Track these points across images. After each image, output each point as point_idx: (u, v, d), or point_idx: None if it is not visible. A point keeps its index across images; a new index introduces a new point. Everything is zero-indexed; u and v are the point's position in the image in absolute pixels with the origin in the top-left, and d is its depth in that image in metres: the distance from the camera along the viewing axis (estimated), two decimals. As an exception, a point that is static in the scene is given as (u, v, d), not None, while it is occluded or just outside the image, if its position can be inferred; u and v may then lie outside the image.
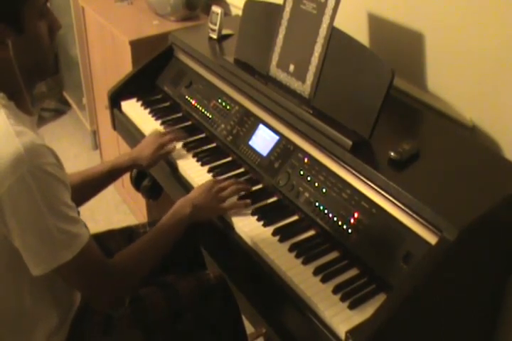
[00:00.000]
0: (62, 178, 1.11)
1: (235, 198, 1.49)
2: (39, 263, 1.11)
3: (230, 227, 1.44)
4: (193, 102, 1.88)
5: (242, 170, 1.63)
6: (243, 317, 1.57)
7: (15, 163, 1.04)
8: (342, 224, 1.33)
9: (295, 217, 1.44)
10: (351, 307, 1.18)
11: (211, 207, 1.44)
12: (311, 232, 1.39)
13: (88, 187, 1.59)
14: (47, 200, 1.07)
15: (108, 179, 1.64)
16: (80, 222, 1.15)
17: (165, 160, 1.72)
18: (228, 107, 1.75)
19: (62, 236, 1.10)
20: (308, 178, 1.44)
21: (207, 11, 2.18)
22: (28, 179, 1.04)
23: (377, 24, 1.69)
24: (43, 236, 1.09)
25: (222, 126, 1.73)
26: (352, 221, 1.31)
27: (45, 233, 1.09)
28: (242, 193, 1.51)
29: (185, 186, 1.63)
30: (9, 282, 1.20)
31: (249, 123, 1.66)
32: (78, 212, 1.64)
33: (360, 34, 1.68)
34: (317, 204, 1.39)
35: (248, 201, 1.47)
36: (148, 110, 1.95)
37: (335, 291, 1.22)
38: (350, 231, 1.31)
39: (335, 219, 1.34)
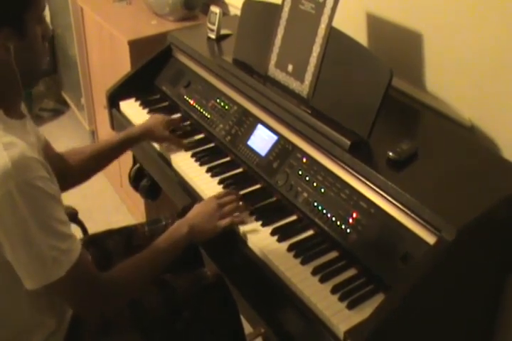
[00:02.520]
0: (53, 192, 1.09)
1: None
2: (31, 278, 1.10)
3: (229, 227, 1.44)
4: (192, 102, 1.88)
5: (240, 170, 1.63)
6: (242, 317, 1.57)
7: (1, 177, 1.01)
8: (340, 224, 1.33)
9: (293, 217, 1.44)
10: (350, 307, 1.18)
11: (209, 226, 1.41)
12: (310, 232, 1.39)
13: (103, 156, 1.61)
14: (35, 216, 1.05)
15: (119, 150, 1.67)
16: (71, 237, 1.12)
17: (163, 159, 1.72)
18: (227, 107, 1.75)
19: (52, 252, 1.08)
20: (307, 178, 1.43)
21: (205, 11, 2.18)
22: (15, 195, 1.02)
23: (375, 24, 1.69)
24: (33, 253, 1.07)
25: (221, 126, 1.73)
26: (350, 221, 1.31)
27: (35, 249, 1.07)
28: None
29: (184, 186, 1.63)
30: (7, 292, 1.19)
31: (247, 123, 1.66)
32: (77, 212, 1.65)
33: (359, 34, 1.68)
34: (316, 204, 1.39)
35: (245, 218, 1.44)
36: (146, 110, 1.95)
37: (333, 291, 1.22)
38: (348, 231, 1.31)
39: (333, 219, 1.34)
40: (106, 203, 2.94)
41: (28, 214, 1.04)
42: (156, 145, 1.77)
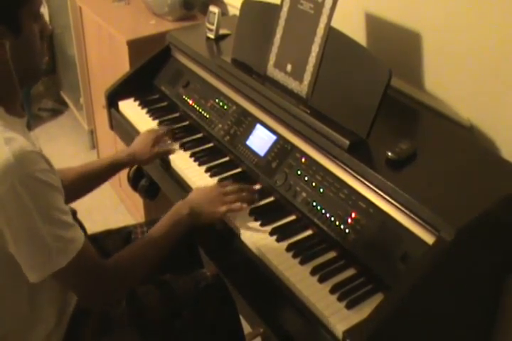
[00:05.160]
0: (55, 183, 1.10)
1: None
2: (35, 270, 1.11)
3: (228, 227, 1.44)
4: (191, 102, 1.88)
5: (239, 170, 1.63)
6: (241, 317, 1.57)
7: (4, 171, 1.02)
8: (339, 224, 1.32)
9: (292, 217, 1.44)
10: (348, 307, 1.18)
11: (210, 210, 1.40)
12: (309, 232, 1.39)
13: (88, 181, 1.60)
14: (39, 208, 1.06)
15: (107, 175, 1.66)
16: (74, 226, 1.14)
17: (162, 159, 1.72)
18: (225, 107, 1.75)
19: (57, 242, 1.09)
20: (306, 178, 1.43)
21: (204, 10, 2.18)
22: (19, 188, 1.03)
23: (374, 24, 1.69)
24: (37, 244, 1.08)
25: (220, 125, 1.73)
26: (349, 221, 1.31)
27: (39, 240, 1.08)
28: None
29: (183, 186, 1.63)
30: (8, 289, 1.19)
31: (246, 123, 1.66)
32: (75, 212, 1.65)
33: (358, 34, 1.68)
34: (314, 204, 1.39)
35: (245, 205, 1.44)
36: (145, 110, 1.95)
37: (332, 291, 1.22)
38: (347, 231, 1.31)
39: (332, 218, 1.34)
40: (105, 203, 2.94)
41: (31, 206, 1.05)
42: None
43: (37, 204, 1.06)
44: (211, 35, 1.97)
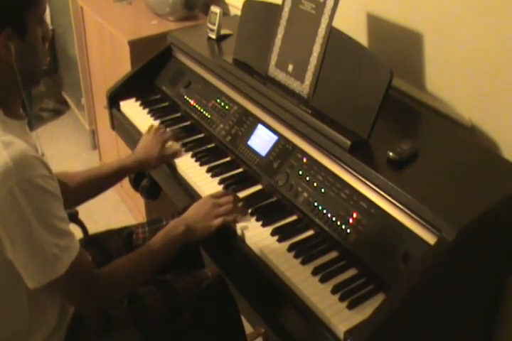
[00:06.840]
0: (53, 190, 1.10)
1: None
2: (32, 276, 1.11)
3: (229, 227, 1.44)
4: (192, 102, 1.88)
5: (240, 170, 1.63)
6: (242, 317, 1.57)
7: (3, 176, 1.02)
8: (341, 224, 1.33)
9: (294, 217, 1.44)
10: (350, 307, 1.18)
11: (204, 225, 1.41)
12: (310, 232, 1.39)
13: (94, 186, 1.60)
14: (37, 214, 1.06)
15: (114, 180, 1.66)
16: (70, 234, 1.13)
17: (167, 162, 1.72)
18: (227, 107, 1.75)
19: (53, 249, 1.08)
20: (307, 178, 1.44)
21: (206, 11, 2.18)
22: (17, 193, 1.03)
23: (376, 24, 1.69)
24: (34, 250, 1.08)
25: (221, 126, 1.73)
26: (351, 221, 1.31)
27: (36, 247, 1.07)
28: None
29: (184, 186, 1.63)
30: (9, 292, 1.19)
31: (248, 123, 1.66)
32: (77, 212, 1.65)
33: (359, 34, 1.68)
34: (316, 204, 1.39)
35: (239, 216, 1.44)
36: (147, 110, 1.95)
37: (334, 291, 1.22)
38: (348, 231, 1.31)
39: (334, 219, 1.34)
40: (106, 203, 2.94)
41: (29, 212, 1.05)
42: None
43: (35, 209, 1.05)
44: (212, 36, 1.97)
